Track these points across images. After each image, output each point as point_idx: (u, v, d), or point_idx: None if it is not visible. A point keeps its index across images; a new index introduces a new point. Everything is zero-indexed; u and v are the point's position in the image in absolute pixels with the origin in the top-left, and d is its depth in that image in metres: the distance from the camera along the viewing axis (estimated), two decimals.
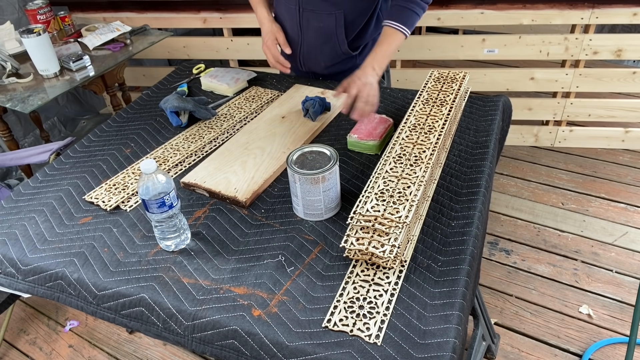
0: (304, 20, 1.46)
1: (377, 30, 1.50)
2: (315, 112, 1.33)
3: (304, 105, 1.35)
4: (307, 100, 1.35)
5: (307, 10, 1.43)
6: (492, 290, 1.92)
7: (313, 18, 1.44)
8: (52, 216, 1.11)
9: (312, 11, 1.43)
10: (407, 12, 1.31)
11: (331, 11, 1.41)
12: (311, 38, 1.49)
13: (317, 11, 1.42)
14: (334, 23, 1.42)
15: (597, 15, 2.20)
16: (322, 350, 0.80)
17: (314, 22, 1.45)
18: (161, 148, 1.29)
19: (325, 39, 1.47)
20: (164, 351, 1.79)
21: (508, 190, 2.39)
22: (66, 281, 0.96)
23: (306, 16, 1.44)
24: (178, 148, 1.28)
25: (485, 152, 1.19)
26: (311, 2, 1.41)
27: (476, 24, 2.31)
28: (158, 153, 1.27)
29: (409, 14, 1.31)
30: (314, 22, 1.44)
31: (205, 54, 2.57)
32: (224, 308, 0.87)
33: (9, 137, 2.05)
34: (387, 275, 0.90)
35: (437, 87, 1.27)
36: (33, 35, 1.73)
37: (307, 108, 1.34)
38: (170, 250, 1.00)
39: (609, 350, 1.69)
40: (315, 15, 1.43)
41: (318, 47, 1.50)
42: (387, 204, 0.92)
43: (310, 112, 1.32)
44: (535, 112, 2.54)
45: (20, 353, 1.84)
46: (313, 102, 1.33)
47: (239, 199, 1.09)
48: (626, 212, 2.22)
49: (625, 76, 2.36)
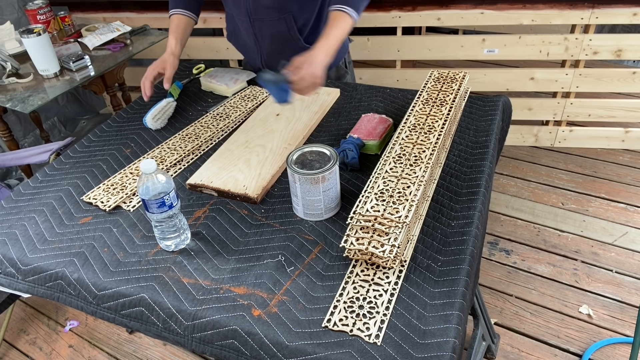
0: (257, 29, 1.48)
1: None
2: (353, 159, 1.17)
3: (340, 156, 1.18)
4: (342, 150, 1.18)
5: (257, 20, 1.46)
6: (492, 290, 1.92)
7: (265, 26, 1.46)
8: (52, 216, 1.11)
9: (262, 20, 1.45)
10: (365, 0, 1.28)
11: (280, 16, 1.43)
12: (268, 44, 1.51)
13: (267, 19, 1.45)
14: (285, 26, 1.43)
15: (597, 15, 2.20)
16: (322, 350, 0.80)
17: (267, 30, 1.47)
18: (158, 148, 1.29)
19: (282, 42, 1.48)
20: (164, 351, 1.79)
21: (508, 190, 2.39)
22: (66, 281, 0.96)
23: (258, 25, 1.47)
24: (175, 148, 1.28)
25: (485, 152, 1.19)
26: (259, 11, 1.44)
27: (476, 24, 2.31)
28: (155, 153, 1.27)
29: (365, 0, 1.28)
30: (267, 30, 1.47)
31: (205, 54, 2.57)
32: (224, 308, 0.87)
33: (9, 137, 2.05)
34: (387, 275, 0.90)
35: (437, 87, 1.27)
36: (33, 35, 1.73)
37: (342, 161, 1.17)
38: (170, 250, 1.00)
39: (609, 350, 1.69)
40: (266, 23, 1.45)
41: (278, 50, 1.51)
42: (387, 203, 0.92)
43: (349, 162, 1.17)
44: (535, 112, 2.54)
45: (20, 353, 1.84)
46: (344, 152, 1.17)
47: (250, 196, 1.10)
48: (626, 212, 2.22)
49: (625, 76, 2.36)
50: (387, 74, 2.54)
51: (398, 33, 2.40)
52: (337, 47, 1.26)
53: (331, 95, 1.45)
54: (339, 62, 1.63)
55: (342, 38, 1.27)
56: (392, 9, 2.32)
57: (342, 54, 1.62)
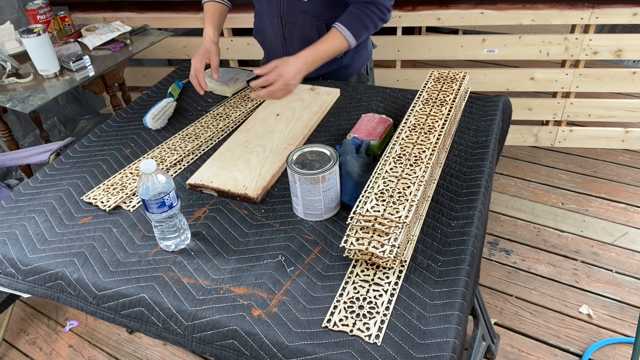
0: (287, 32, 1.48)
1: None
2: (357, 160, 1.11)
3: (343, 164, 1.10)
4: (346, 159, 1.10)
5: (289, 22, 1.45)
6: (492, 290, 1.92)
7: (296, 30, 1.46)
8: (52, 216, 1.11)
9: (294, 23, 1.45)
10: (360, 26, 1.33)
11: (313, 23, 1.43)
12: (296, 48, 1.50)
13: (299, 23, 1.44)
14: (316, 34, 1.43)
15: (597, 15, 2.20)
16: (322, 350, 0.80)
17: (297, 34, 1.47)
18: (158, 148, 1.29)
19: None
20: (164, 351, 1.79)
21: (508, 190, 2.39)
22: (66, 281, 0.96)
23: (289, 28, 1.47)
24: (175, 148, 1.28)
25: (485, 152, 1.19)
26: (293, 15, 1.43)
27: (476, 24, 2.31)
28: (155, 153, 1.27)
29: (359, 24, 1.32)
30: (297, 34, 1.46)
31: None
32: (224, 308, 0.87)
33: (9, 137, 2.05)
34: (387, 275, 0.90)
35: (437, 87, 1.27)
36: (33, 35, 1.73)
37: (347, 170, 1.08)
38: (170, 250, 1.00)
39: (609, 350, 1.69)
40: (298, 27, 1.45)
41: None
42: (387, 204, 0.92)
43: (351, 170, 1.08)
44: (535, 112, 2.54)
45: (20, 353, 1.84)
46: (346, 157, 1.10)
47: (250, 196, 1.10)
48: (626, 212, 2.22)
49: (625, 76, 2.36)
50: (387, 74, 2.54)
51: (398, 33, 2.40)
52: (320, 60, 1.30)
53: (331, 95, 1.45)
54: (361, 69, 1.63)
55: (329, 54, 1.31)
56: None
57: (364, 61, 1.63)
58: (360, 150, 1.15)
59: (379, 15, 1.34)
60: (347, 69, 1.58)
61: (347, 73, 1.59)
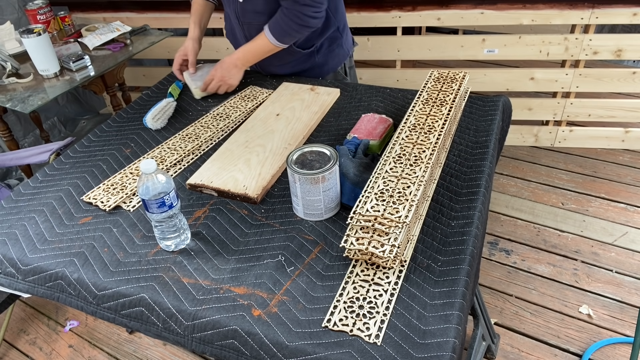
0: (247, 32, 1.51)
1: (327, 28, 1.52)
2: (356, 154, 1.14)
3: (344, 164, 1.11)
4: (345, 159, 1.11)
5: (245, 23, 1.49)
6: (492, 290, 1.92)
7: (253, 29, 1.48)
8: (52, 216, 1.11)
9: (249, 24, 1.48)
10: (281, 29, 1.40)
11: (267, 21, 1.44)
12: None
13: (255, 23, 1.47)
14: None
15: (597, 15, 2.20)
16: (322, 350, 0.80)
17: (255, 33, 1.48)
18: (158, 148, 1.29)
19: None
20: (164, 351, 1.79)
21: (508, 190, 2.39)
22: (66, 281, 0.96)
23: (247, 28, 1.50)
24: (175, 148, 1.28)
25: (485, 152, 1.19)
26: (247, 15, 1.47)
27: (476, 24, 2.31)
28: (155, 153, 1.27)
29: (282, 31, 1.40)
30: (256, 33, 1.47)
31: (205, 54, 2.56)
32: (224, 308, 0.87)
33: (9, 137, 2.05)
34: (387, 275, 0.90)
35: (437, 87, 1.27)
36: (33, 35, 1.73)
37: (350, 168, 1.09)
38: (170, 250, 1.00)
39: (609, 350, 1.69)
40: (254, 26, 1.47)
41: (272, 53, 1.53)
42: (387, 203, 0.92)
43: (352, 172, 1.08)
44: (535, 112, 2.54)
45: (20, 353, 1.84)
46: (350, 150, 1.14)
47: (250, 196, 1.10)
48: (626, 212, 2.22)
49: (625, 76, 2.36)
50: (387, 74, 2.54)
51: (398, 33, 2.40)
52: (252, 57, 1.47)
53: (331, 95, 1.45)
54: (337, 67, 1.63)
55: (259, 52, 1.46)
56: (392, 9, 2.32)
57: (340, 60, 1.63)
58: (358, 151, 1.15)
59: (297, 21, 1.37)
60: (322, 67, 1.59)
61: (321, 72, 1.61)
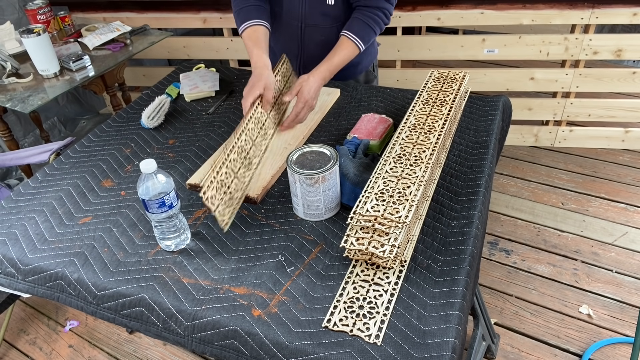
0: (306, 35, 1.50)
1: None
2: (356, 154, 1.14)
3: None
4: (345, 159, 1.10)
5: (309, 26, 1.47)
6: (492, 290, 1.92)
7: (315, 32, 1.48)
8: (52, 216, 1.11)
9: (314, 26, 1.47)
10: (367, 29, 1.39)
11: (332, 24, 1.45)
12: (312, 50, 1.52)
13: (320, 25, 1.47)
14: (335, 35, 1.44)
15: (597, 15, 2.20)
16: (322, 350, 0.80)
17: (316, 36, 1.49)
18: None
19: (327, 49, 1.48)
20: (164, 351, 1.79)
21: (508, 190, 2.39)
22: (66, 281, 0.96)
23: (308, 32, 1.49)
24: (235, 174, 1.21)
25: (485, 152, 1.19)
26: (313, 18, 1.46)
27: (476, 24, 2.31)
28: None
29: (368, 30, 1.39)
30: (316, 36, 1.48)
31: (205, 54, 2.57)
32: (224, 308, 0.87)
33: (9, 137, 2.05)
34: (387, 275, 0.90)
35: (437, 87, 1.27)
36: (33, 35, 1.73)
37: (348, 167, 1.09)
38: (170, 250, 1.00)
39: (609, 350, 1.69)
40: (318, 29, 1.47)
41: (318, 56, 1.51)
42: (387, 204, 0.92)
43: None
44: (535, 112, 2.54)
45: (20, 353, 1.84)
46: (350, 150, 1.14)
47: (250, 196, 1.10)
48: (626, 212, 2.22)
49: (625, 76, 2.36)
50: (387, 74, 2.54)
51: (398, 33, 2.40)
52: (336, 71, 1.38)
53: (331, 95, 1.45)
54: (369, 66, 1.66)
55: (343, 64, 1.39)
56: None
57: (371, 59, 1.66)
58: (358, 152, 1.15)
59: (384, 19, 1.41)
60: (356, 67, 1.60)
61: (355, 71, 1.62)
